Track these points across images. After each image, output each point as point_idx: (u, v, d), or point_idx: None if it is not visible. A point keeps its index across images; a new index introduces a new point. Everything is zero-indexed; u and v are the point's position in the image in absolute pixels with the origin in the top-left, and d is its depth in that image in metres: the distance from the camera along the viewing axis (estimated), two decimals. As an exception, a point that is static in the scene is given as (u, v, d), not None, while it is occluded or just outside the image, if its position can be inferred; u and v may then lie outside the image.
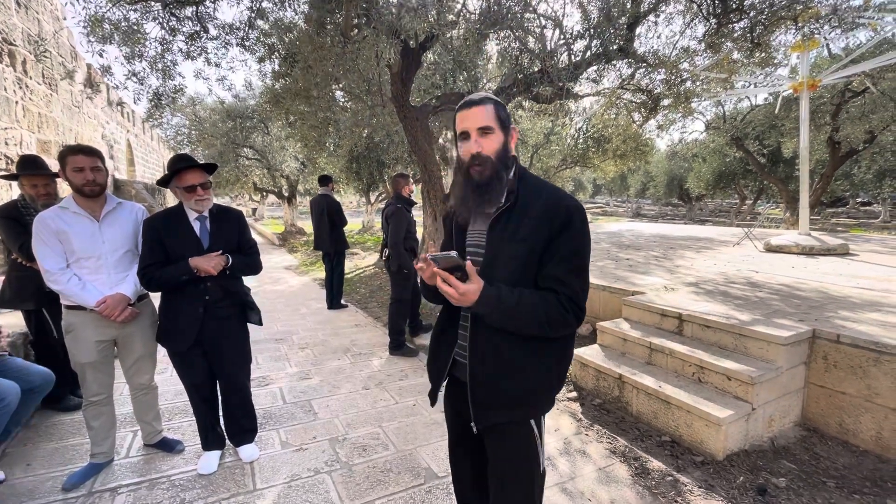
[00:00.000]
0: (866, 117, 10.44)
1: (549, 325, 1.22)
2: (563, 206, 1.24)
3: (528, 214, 1.26)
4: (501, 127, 1.29)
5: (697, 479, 2.39)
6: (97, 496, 2.18)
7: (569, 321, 1.23)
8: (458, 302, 1.19)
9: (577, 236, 1.24)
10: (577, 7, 4.93)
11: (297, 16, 4.64)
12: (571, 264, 1.24)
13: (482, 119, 1.26)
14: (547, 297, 1.22)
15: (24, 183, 2.85)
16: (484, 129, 1.26)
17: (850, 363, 2.75)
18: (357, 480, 2.33)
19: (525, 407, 1.33)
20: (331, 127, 7.02)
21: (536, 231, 1.24)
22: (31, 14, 7.17)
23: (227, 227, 2.38)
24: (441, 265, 1.18)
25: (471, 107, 1.27)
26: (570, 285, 1.23)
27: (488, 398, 1.33)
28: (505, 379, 1.30)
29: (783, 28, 4.67)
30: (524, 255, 1.25)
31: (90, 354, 2.24)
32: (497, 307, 1.20)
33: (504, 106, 1.33)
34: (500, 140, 1.28)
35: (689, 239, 9.06)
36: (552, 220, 1.23)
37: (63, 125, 8.24)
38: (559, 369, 1.36)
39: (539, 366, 1.31)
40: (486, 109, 1.26)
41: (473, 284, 1.18)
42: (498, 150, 1.27)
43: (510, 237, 1.26)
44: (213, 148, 12.99)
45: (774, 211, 21.29)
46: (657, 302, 3.63)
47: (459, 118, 1.30)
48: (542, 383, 1.33)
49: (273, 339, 4.83)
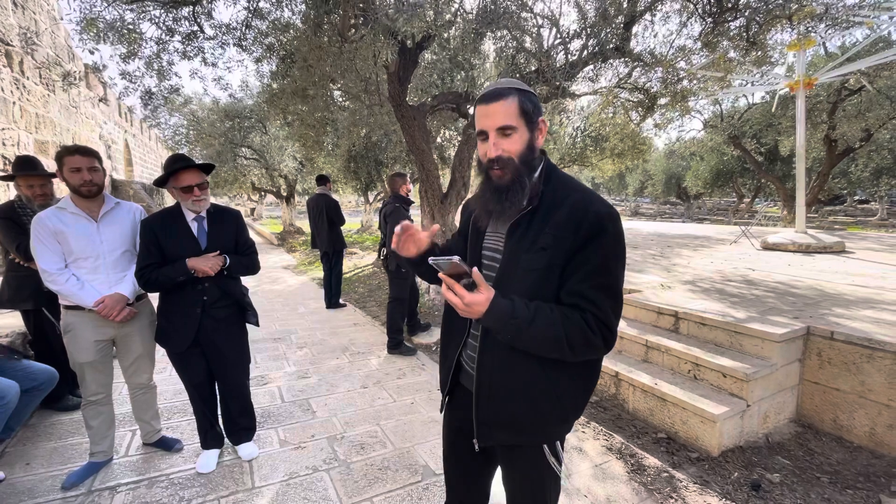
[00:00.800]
0: (862, 115, 10.48)
1: (570, 347, 1.05)
2: (593, 211, 1.07)
3: (550, 220, 1.10)
4: (527, 123, 1.11)
5: (693, 475, 2.41)
6: (96, 495, 2.19)
7: (595, 344, 1.06)
8: (465, 313, 1.06)
9: (607, 247, 1.06)
10: (574, 6, 4.95)
11: (294, 16, 4.65)
12: (599, 279, 1.06)
13: (502, 118, 1.09)
14: (570, 316, 1.06)
15: (21, 184, 2.86)
16: (504, 129, 1.10)
17: (843, 360, 2.77)
18: (355, 478, 2.35)
19: (535, 434, 1.20)
20: (329, 126, 7.03)
21: (559, 240, 1.07)
22: (27, 14, 7.15)
23: (224, 228, 2.39)
24: (445, 271, 1.04)
25: (489, 101, 1.10)
26: (597, 303, 1.06)
27: (493, 417, 1.20)
28: (514, 401, 1.16)
29: (779, 27, 4.69)
30: (543, 267, 1.09)
31: (89, 354, 2.25)
32: (509, 322, 1.04)
33: (531, 94, 1.13)
34: (523, 139, 1.11)
35: (687, 237, 9.09)
36: (577, 228, 1.06)
37: (60, 125, 8.23)
38: (579, 397, 1.20)
39: (557, 391, 1.15)
40: (508, 105, 1.09)
41: (482, 295, 1.04)
42: (521, 150, 1.11)
43: (529, 245, 1.11)
44: (211, 148, 12.97)
45: (772, 209, 21.35)
46: (654, 300, 3.65)
47: (478, 114, 1.13)
48: (557, 411, 1.17)
49: (272, 339, 4.84)
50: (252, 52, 4.87)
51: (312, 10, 4.16)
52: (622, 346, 3.48)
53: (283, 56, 4.71)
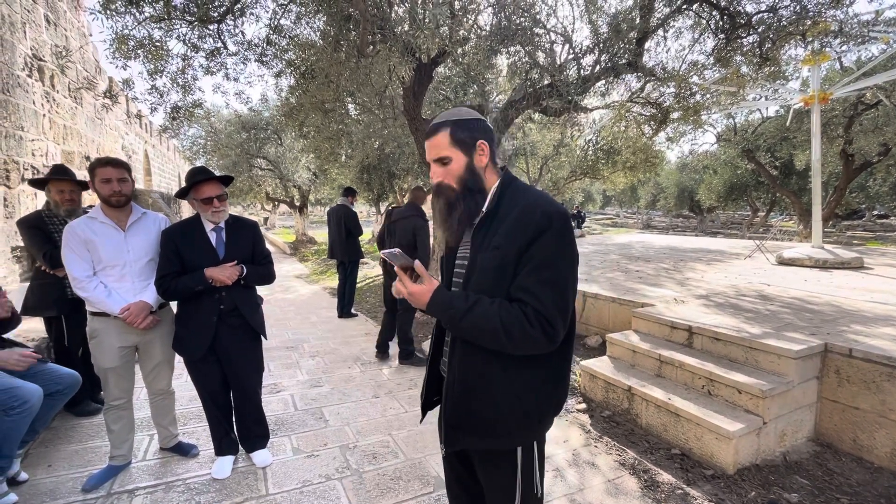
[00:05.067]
0: (880, 130, 10.33)
1: (507, 337, 1.09)
2: (540, 210, 1.13)
3: (504, 222, 1.18)
4: (462, 148, 1.23)
5: (707, 492, 2.38)
6: (115, 497, 2.24)
7: (533, 337, 1.09)
8: (412, 302, 1.18)
9: (552, 244, 1.12)
10: (587, 22, 5.03)
11: (314, 33, 4.80)
12: (543, 274, 1.11)
13: (436, 150, 1.24)
14: (510, 308, 1.11)
15: (52, 188, 2.98)
16: (440, 160, 1.25)
17: (863, 378, 2.72)
18: (367, 487, 2.37)
19: (499, 436, 1.21)
20: (343, 138, 7.16)
21: (509, 238, 1.14)
22: (59, 31, 7.47)
23: (242, 238, 2.46)
24: (398, 264, 1.18)
25: (428, 137, 1.27)
26: (538, 297, 1.10)
27: (457, 418, 1.24)
28: (475, 399, 1.20)
29: (792, 42, 4.70)
30: (496, 265, 1.16)
31: (113, 360, 2.32)
32: (447, 311, 1.14)
33: (465, 122, 1.25)
34: (461, 163, 1.24)
35: (700, 251, 9.00)
36: (526, 226, 1.13)
37: (86, 137, 8.51)
38: (544, 394, 1.22)
39: (516, 388, 1.18)
40: (440, 138, 1.24)
41: (423, 286, 1.16)
42: (460, 174, 1.24)
43: (486, 247, 1.19)
44: (227, 158, 13.28)
45: (788, 223, 21.03)
46: (667, 314, 3.63)
47: (425, 147, 1.30)
48: (517, 409, 1.19)
49: (284, 347, 4.90)
50: (272, 67, 5.03)
51: (332, 27, 4.30)
52: (635, 360, 3.47)
53: (304, 71, 4.85)
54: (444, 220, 1.27)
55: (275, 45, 4.78)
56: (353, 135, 7.39)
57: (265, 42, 4.70)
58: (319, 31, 4.68)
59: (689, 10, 4.90)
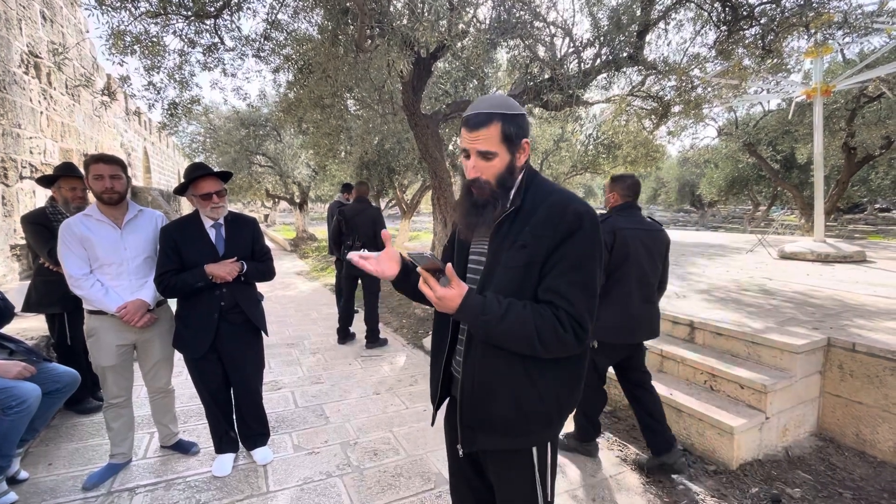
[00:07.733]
0: (882, 122, 10.26)
1: (541, 342, 1.06)
2: (571, 209, 1.10)
3: (530, 220, 1.14)
4: (508, 146, 1.16)
5: (710, 488, 2.37)
6: (116, 495, 2.24)
7: (565, 340, 1.07)
8: (438, 306, 1.10)
9: (583, 244, 1.09)
10: (587, 15, 4.97)
11: (311, 27, 4.75)
12: (575, 276, 1.09)
13: (486, 143, 1.14)
14: (542, 312, 1.08)
15: (63, 185, 2.95)
16: (485, 154, 1.15)
17: (866, 372, 2.71)
18: (368, 484, 2.36)
19: (519, 435, 1.19)
20: (343, 134, 7.12)
21: (538, 238, 1.11)
22: (56, 27, 7.42)
23: (241, 234, 2.44)
24: (422, 265, 1.09)
25: (473, 129, 1.15)
26: (570, 300, 1.07)
27: (475, 419, 1.21)
28: (495, 400, 1.17)
29: (795, 34, 4.65)
30: (522, 265, 1.12)
31: (111, 358, 2.31)
32: (480, 317, 1.07)
33: (515, 117, 1.16)
34: (504, 162, 1.17)
35: (701, 245, 8.98)
36: (556, 225, 1.10)
37: (84, 134, 8.48)
38: (564, 395, 1.20)
39: (539, 389, 1.16)
40: (493, 131, 1.14)
41: (454, 290, 1.07)
42: (500, 172, 1.17)
43: (510, 244, 1.15)
44: (226, 155, 13.23)
45: (789, 217, 20.99)
46: (668, 309, 3.61)
47: (463, 134, 1.19)
48: (540, 410, 1.17)
49: (285, 344, 4.89)
50: (270, 62, 4.99)
51: (330, 21, 4.25)
52: (636, 355, 3.44)
53: (301, 66, 4.81)
54: (473, 216, 1.20)
55: (272, 40, 4.73)
56: (353, 130, 7.35)
57: (263, 37, 4.65)
58: (317, 25, 4.64)
59: (690, 2, 4.84)
